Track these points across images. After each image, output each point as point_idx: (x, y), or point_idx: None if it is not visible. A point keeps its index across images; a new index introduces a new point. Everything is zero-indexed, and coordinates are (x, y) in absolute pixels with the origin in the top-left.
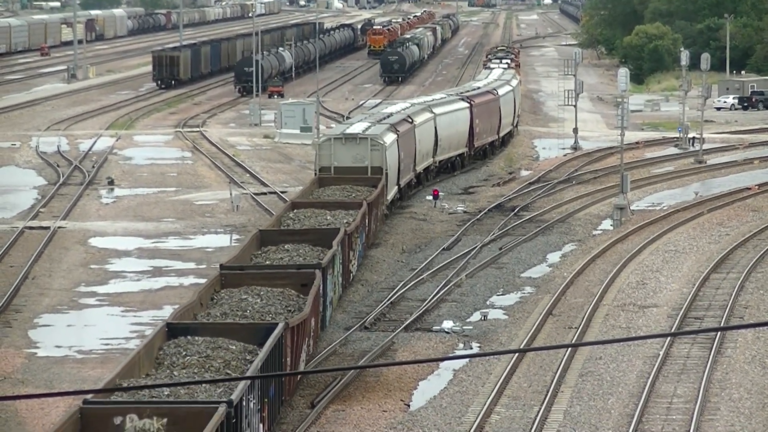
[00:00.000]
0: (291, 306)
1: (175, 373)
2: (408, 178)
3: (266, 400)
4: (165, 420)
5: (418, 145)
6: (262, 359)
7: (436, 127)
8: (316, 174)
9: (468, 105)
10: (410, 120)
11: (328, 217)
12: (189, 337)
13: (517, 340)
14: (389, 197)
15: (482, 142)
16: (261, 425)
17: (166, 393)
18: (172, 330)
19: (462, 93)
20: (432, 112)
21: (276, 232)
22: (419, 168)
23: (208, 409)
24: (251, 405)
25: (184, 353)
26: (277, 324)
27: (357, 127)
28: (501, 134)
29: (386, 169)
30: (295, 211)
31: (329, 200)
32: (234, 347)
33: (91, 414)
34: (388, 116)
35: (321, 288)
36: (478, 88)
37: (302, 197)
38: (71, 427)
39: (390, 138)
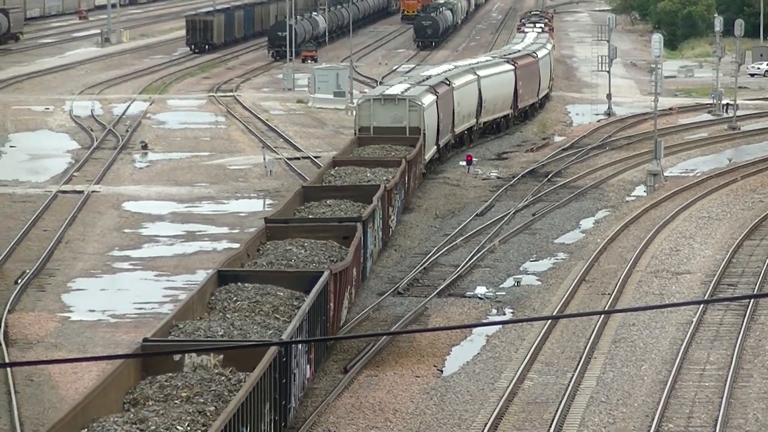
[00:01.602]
0: (333, 257)
1: (227, 315)
2: (447, 138)
3: (313, 343)
4: (221, 356)
5: (457, 106)
6: (310, 304)
7: (480, 89)
8: (355, 134)
9: (513, 67)
10: (448, 82)
11: (368, 174)
12: (239, 283)
13: (551, 307)
14: (427, 157)
15: (525, 103)
16: (308, 366)
17: (220, 333)
18: (223, 277)
19: (506, 55)
20: (476, 74)
21: (318, 188)
22: (459, 129)
23: (261, 347)
24: (300, 346)
25: (234, 298)
26: (323, 272)
27: (396, 89)
28: (540, 96)
29: (424, 130)
30: (336, 168)
31: (369, 158)
32: (282, 293)
33: (152, 350)
34: (427, 78)
35: (362, 240)
36: (519, 51)
37: (343, 155)
38: (135, 362)
39: (428, 99)
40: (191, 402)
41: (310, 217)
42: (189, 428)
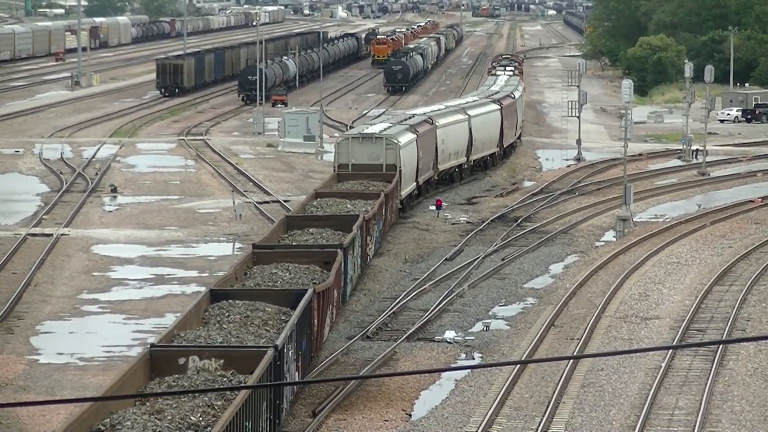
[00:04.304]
0: (316, 279)
1: (224, 326)
2: (427, 175)
3: (300, 352)
4: (222, 361)
5: (441, 144)
6: (298, 316)
7: (470, 128)
8: (334, 170)
9: (499, 107)
10: (431, 122)
11: (348, 206)
12: (230, 300)
13: (519, 351)
14: (404, 193)
15: (508, 142)
16: (297, 373)
17: (219, 341)
18: (215, 295)
19: (491, 96)
20: (466, 113)
21: (301, 217)
22: (444, 166)
23: (258, 352)
24: (290, 353)
25: (227, 313)
26: (307, 290)
27: (375, 128)
28: (516, 135)
29: (401, 167)
30: (318, 199)
31: (350, 191)
32: (270, 309)
33: (159, 355)
34: (409, 118)
35: (342, 265)
36: (499, 91)
37: (325, 188)
38: (143, 366)
39: (407, 138)
40: (199, 398)
41: (294, 243)
42: (201, 419)
